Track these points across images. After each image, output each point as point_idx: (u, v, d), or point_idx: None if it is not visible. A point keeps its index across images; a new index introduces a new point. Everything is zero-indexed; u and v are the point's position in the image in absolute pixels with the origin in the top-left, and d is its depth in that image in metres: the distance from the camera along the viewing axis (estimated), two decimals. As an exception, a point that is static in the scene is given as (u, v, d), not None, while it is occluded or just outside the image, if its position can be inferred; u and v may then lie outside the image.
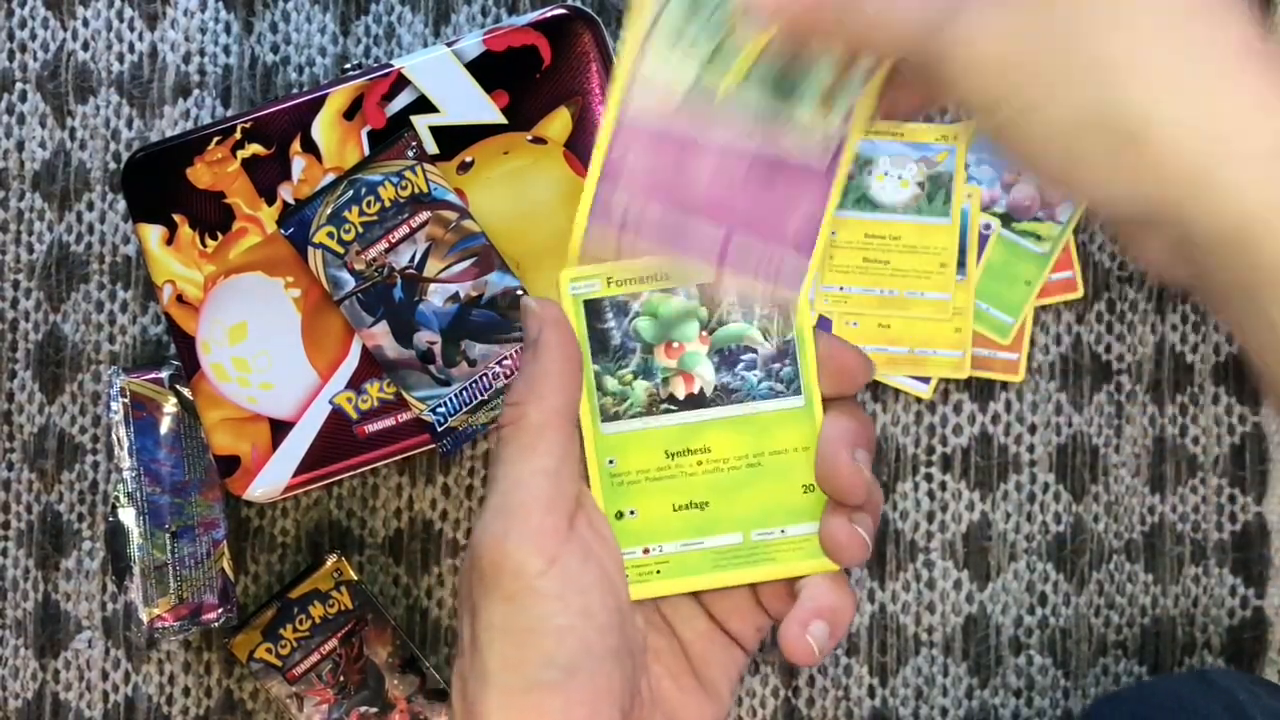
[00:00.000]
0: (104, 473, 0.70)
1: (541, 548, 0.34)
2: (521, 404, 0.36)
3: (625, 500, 0.38)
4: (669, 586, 0.38)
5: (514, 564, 0.34)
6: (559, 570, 0.34)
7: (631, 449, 0.38)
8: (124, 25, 0.71)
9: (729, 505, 0.38)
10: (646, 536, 0.38)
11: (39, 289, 0.70)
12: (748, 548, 0.38)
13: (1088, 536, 0.70)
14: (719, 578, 0.38)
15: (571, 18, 0.59)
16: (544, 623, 0.34)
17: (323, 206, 0.59)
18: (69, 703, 0.70)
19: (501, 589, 0.34)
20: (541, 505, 0.35)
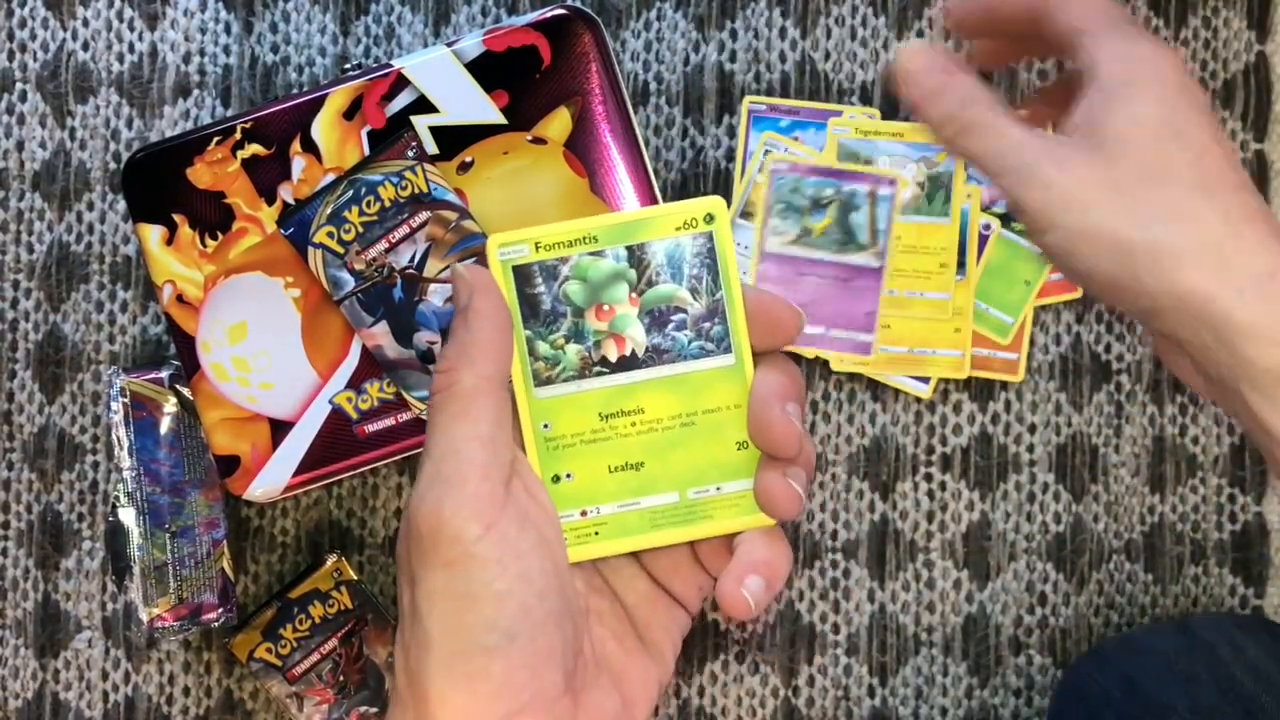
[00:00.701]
0: (104, 473, 0.70)
1: (478, 513, 0.34)
2: (453, 370, 0.36)
3: (561, 464, 0.38)
4: (607, 548, 0.39)
5: (451, 530, 0.34)
6: (496, 535, 0.34)
7: (565, 412, 0.38)
8: (124, 25, 0.71)
9: (664, 465, 0.38)
10: (583, 499, 0.38)
11: (39, 289, 0.70)
12: (685, 506, 0.38)
13: (1088, 536, 0.70)
14: (657, 537, 0.39)
15: (571, 18, 0.59)
16: (484, 588, 0.34)
17: (323, 206, 0.59)
18: (69, 702, 0.70)
19: (439, 555, 0.34)
20: (477, 471, 0.35)
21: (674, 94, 0.70)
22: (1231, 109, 0.70)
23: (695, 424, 0.38)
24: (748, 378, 0.38)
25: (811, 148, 0.69)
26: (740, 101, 0.70)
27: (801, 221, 0.68)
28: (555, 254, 0.38)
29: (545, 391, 0.38)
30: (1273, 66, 0.70)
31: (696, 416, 0.38)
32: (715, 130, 0.70)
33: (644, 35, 0.70)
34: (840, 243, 0.67)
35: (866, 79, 0.70)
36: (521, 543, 0.35)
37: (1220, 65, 0.70)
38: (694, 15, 0.70)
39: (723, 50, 0.70)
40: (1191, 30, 0.70)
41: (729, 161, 0.70)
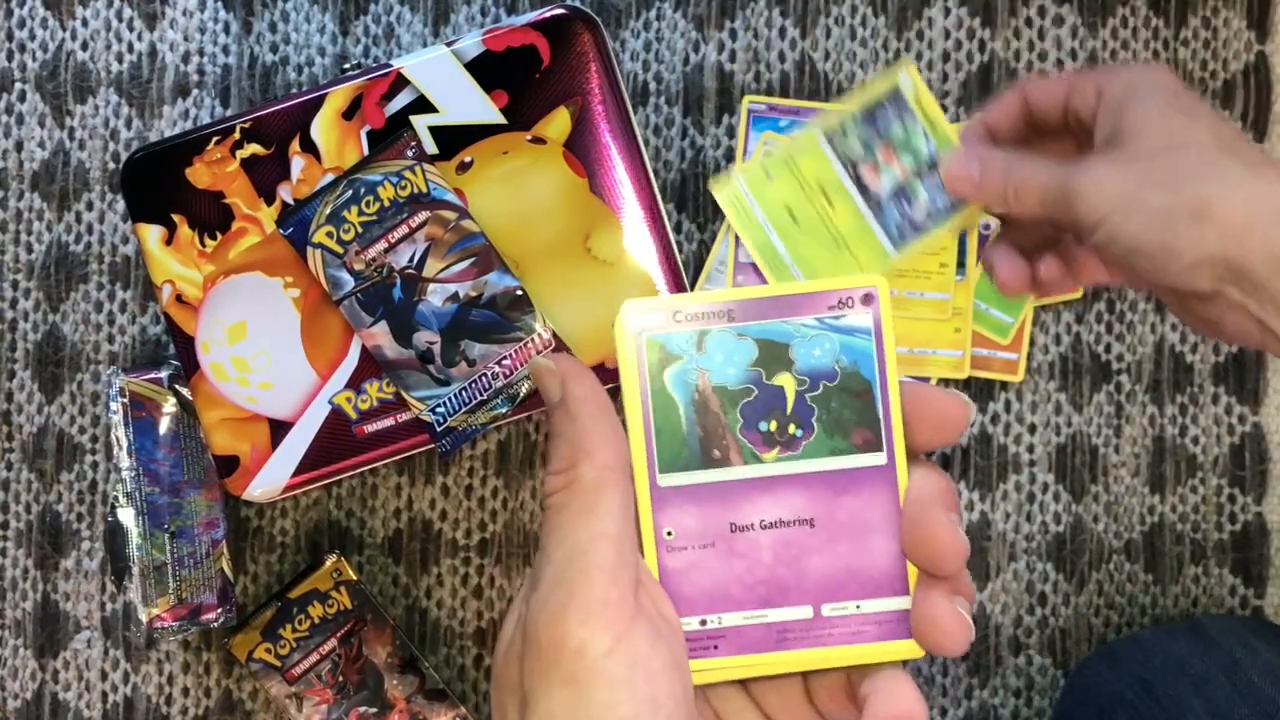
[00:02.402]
0: (103, 473, 0.70)
1: (608, 623, 0.30)
2: (570, 468, 0.32)
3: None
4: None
5: (577, 641, 0.30)
6: (626, 650, 0.30)
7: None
8: (123, 25, 0.71)
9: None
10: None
11: (38, 289, 0.70)
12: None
13: (1087, 536, 0.69)
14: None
15: (571, 18, 0.59)
16: (609, 712, 0.30)
17: (322, 206, 0.59)
18: (68, 703, 0.70)
19: (562, 670, 0.30)
20: (606, 575, 0.31)
21: (674, 94, 0.70)
22: (1231, 109, 0.70)
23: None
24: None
25: (811, 148, 0.69)
26: (740, 101, 0.70)
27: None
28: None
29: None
30: (1273, 66, 0.70)
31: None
32: (715, 130, 0.70)
33: (644, 35, 0.70)
34: None
35: (866, 79, 0.70)
36: (653, 661, 0.31)
37: (1220, 65, 0.70)
38: (693, 15, 0.70)
39: (722, 50, 0.70)
40: (1191, 30, 0.70)
41: (729, 161, 0.70)
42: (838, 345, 0.34)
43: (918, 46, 0.70)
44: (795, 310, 0.34)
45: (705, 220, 0.70)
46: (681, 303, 0.34)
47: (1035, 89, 0.51)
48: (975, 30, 0.70)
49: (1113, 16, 0.70)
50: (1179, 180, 0.43)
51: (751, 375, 0.34)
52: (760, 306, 0.34)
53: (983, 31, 0.70)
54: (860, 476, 0.34)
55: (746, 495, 0.34)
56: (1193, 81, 0.70)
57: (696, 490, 0.34)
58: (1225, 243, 0.42)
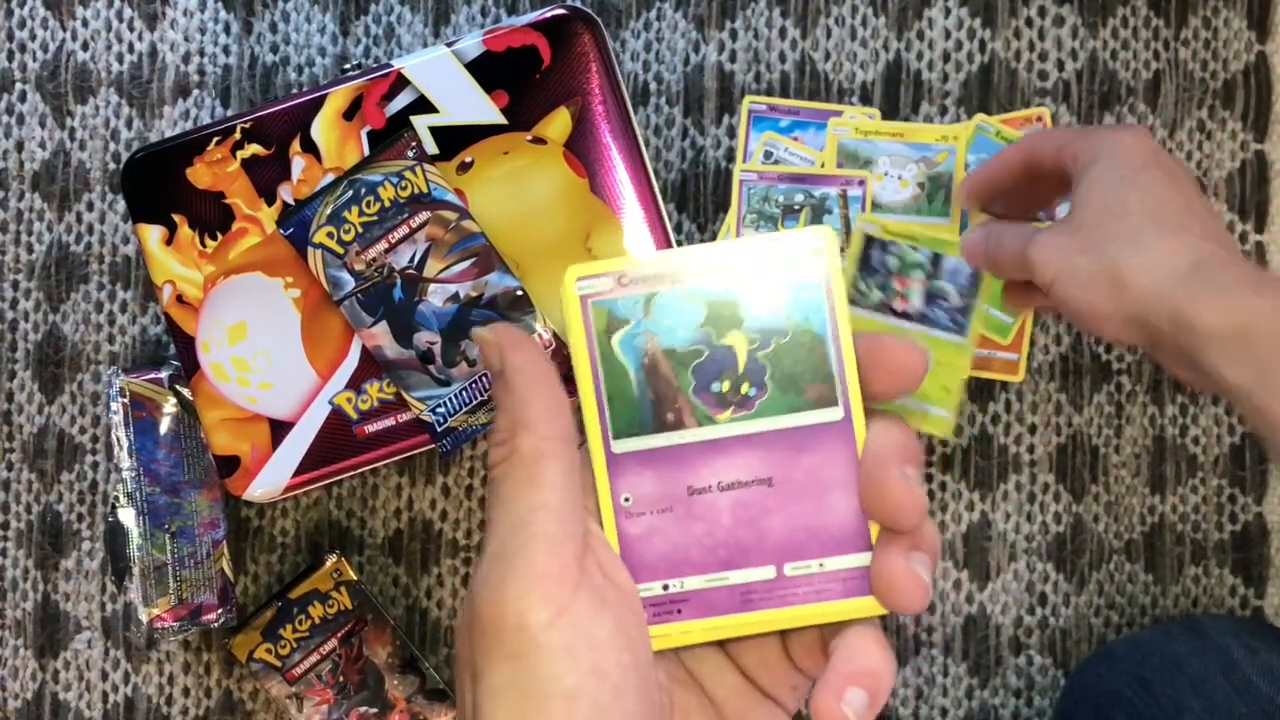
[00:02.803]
0: (104, 473, 0.70)
1: (547, 595, 0.30)
2: (507, 440, 0.32)
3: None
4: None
5: (516, 615, 0.29)
6: (568, 622, 0.30)
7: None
8: (123, 25, 0.71)
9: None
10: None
11: (39, 289, 0.70)
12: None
13: (1088, 536, 0.69)
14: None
15: (571, 18, 0.59)
16: (552, 684, 0.29)
17: (322, 207, 0.59)
18: (68, 703, 0.70)
19: (504, 646, 0.30)
20: (545, 545, 0.30)
21: (674, 94, 0.70)
22: (1231, 109, 0.70)
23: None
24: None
25: (811, 148, 0.69)
26: (740, 101, 0.70)
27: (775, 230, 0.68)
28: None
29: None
30: (1273, 66, 0.70)
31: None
32: (715, 130, 0.70)
33: (644, 35, 0.70)
34: None
35: (866, 79, 0.70)
36: (597, 630, 0.30)
37: (1220, 65, 0.70)
38: (694, 15, 0.70)
39: (723, 50, 0.70)
40: (1191, 30, 0.70)
41: (729, 162, 0.70)
42: (787, 300, 0.33)
43: (918, 46, 0.70)
44: (743, 267, 0.33)
45: (705, 220, 0.70)
46: (627, 266, 0.33)
47: (1031, 151, 0.54)
48: (975, 30, 0.70)
49: (1113, 16, 0.70)
50: (1102, 247, 0.48)
51: (701, 336, 0.33)
52: (707, 265, 0.33)
53: (983, 31, 0.70)
54: (817, 433, 0.33)
55: (702, 457, 0.33)
56: (1193, 82, 0.70)
57: (651, 455, 0.33)
58: (1136, 304, 0.46)
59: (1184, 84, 0.70)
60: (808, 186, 0.68)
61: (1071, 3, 0.70)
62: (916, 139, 0.68)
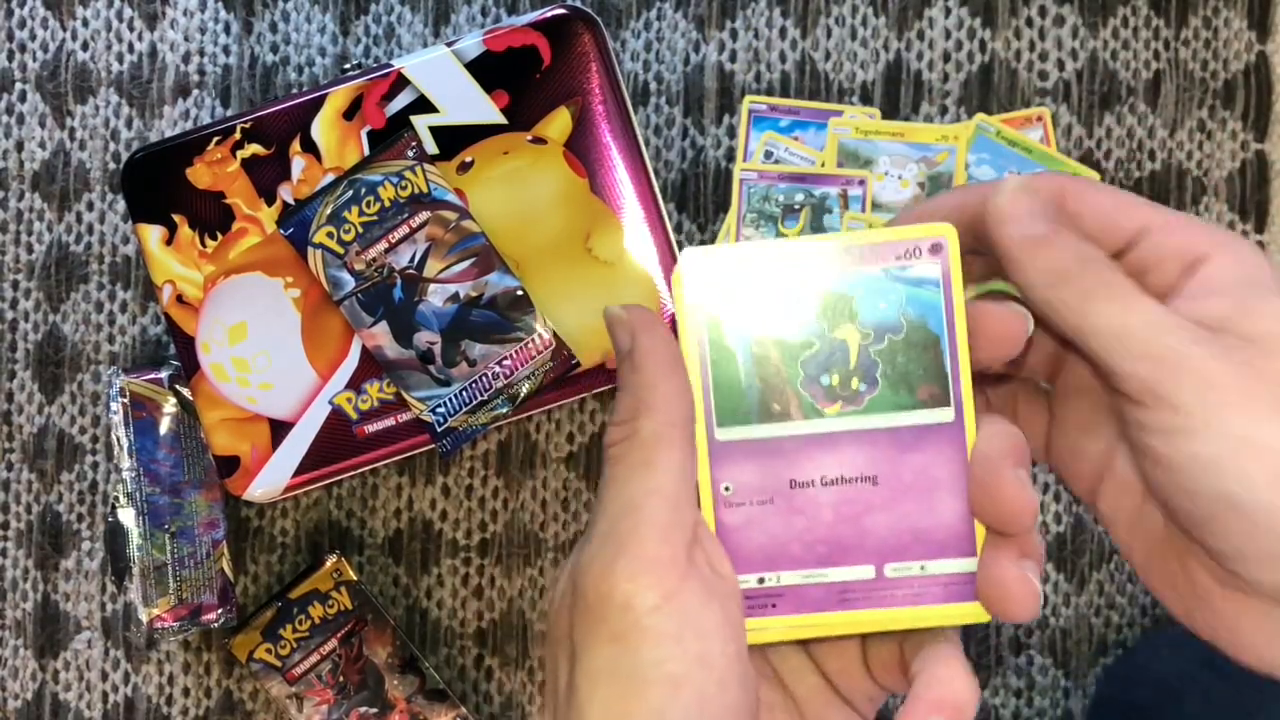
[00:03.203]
0: (104, 473, 0.70)
1: (657, 579, 0.29)
2: (629, 420, 0.31)
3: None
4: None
5: (623, 596, 0.29)
6: (676, 608, 0.29)
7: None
8: (123, 25, 0.71)
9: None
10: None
11: (39, 289, 0.70)
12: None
13: (1088, 536, 0.69)
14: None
15: (571, 18, 0.59)
16: (655, 669, 0.29)
17: (322, 206, 0.59)
18: (68, 703, 0.70)
19: (608, 626, 0.29)
20: (657, 532, 0.30)
21: (674, 94, 0.70)
22: (1232, 109, 0.70)
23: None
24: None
25: (812, 148, 0.69)
26: (740, 101, 0.70)
27: (776, 229, 0.68)
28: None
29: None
30: (1273, 66, 0.70)
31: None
32: (715, 130, 0.70)
33: (644, 35, 0.70)
34: None
35: (867, 79, 0.70)
36: (705, 620, 0.30)
37: (1220, 65, 0.70)
38: (694, 15, 0.70)
39: (723, 50, 0.70)
40: (1192, 30, 0.70)
41: (729, 161, 0.70)
42: (904, 297, 0.32)
43: (918, 46, 0.70)
44: (860, 261, 0.32)
45: (705, 220, 0.70)
46: (742, 252, 0.32)
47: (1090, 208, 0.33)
48: (976, 30, 0.70)
49: (1113, 16, 0.70)
50: None
51: (813, 328, 0.32)
52: (824, 257, 0.32)
53: (983, 31, 0.70)
54: (926, 433, 0.32)
55: (807, 451, 0.33)
56: (1193, 82, 0.70)
57: (755, 445, 0.33)
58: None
59: (1184, 84, 0.70)
60: (808, 186, 0.68)
61: (1072, 3, 0.70)
62: (917, 139, 0.68)
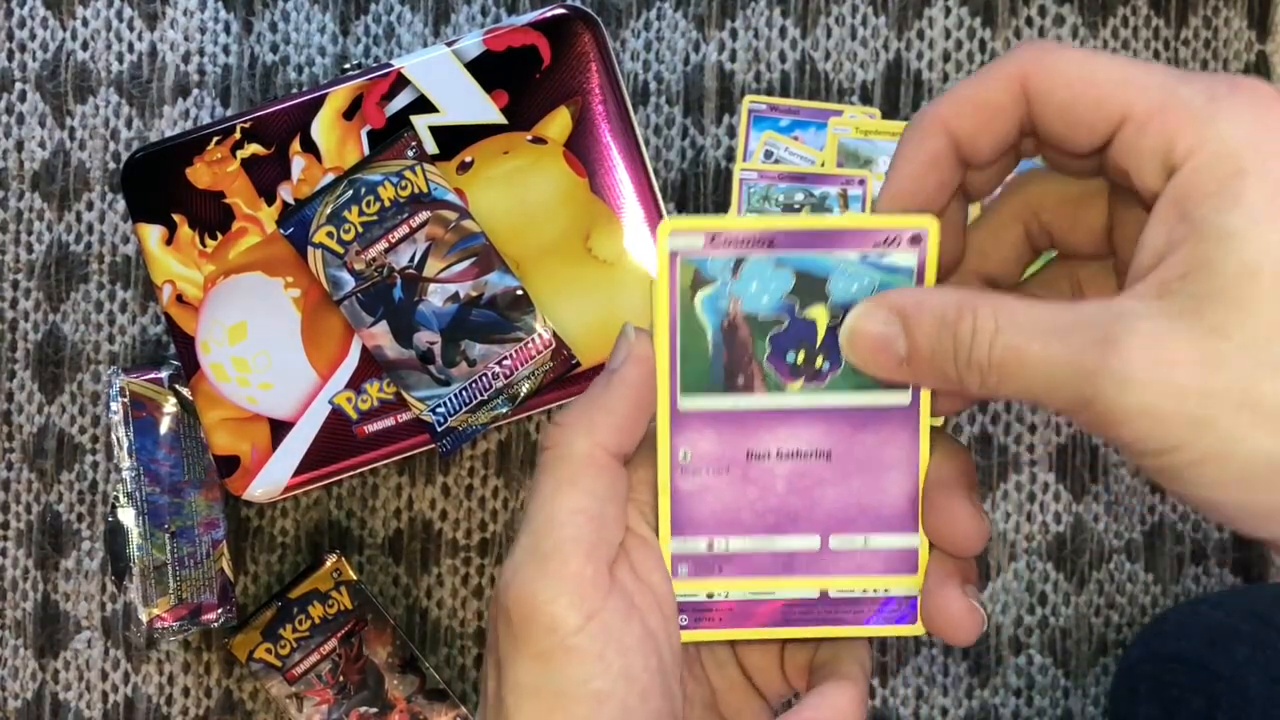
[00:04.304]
0: (104, 473, 0.70)
1: (580, 600, 0.30)
2: (569, 428, 0.32)
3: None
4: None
5: (547, 618, 0.30)
6: (599, 626, 0.30)
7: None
8: (123, 25, 0.71)
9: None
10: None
11: (39, 289, 0.70)
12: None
13: (1088, 536, 0.69)
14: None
15: (571, 18, 0.59)
16: (580, 687, 0.30)
17: (322, 206, 0.59)
18: (68, 703, 0.70)
19: (532, 645, 0.30)
20: (581, 550, 0.30)
21: (674, 94, 0.70)
22: (1232, 109, 0.70)
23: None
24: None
25: (812, 148, 0.69)
26: (740, 101, 0.70)
27: None
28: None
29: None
30: (1273, 66, 0.70)
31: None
32: (715, 130, 0.70)
33: (644, 35, 0.70)
34: None
35: (867, 79, 0.70)
36: (626, 636, 0.31)
37: (1220, 65, 0.70)
38: (694, 15, 0.70)
39: (723, 50, 0.70)
40: (1192, 30, 0.70)
41: (729, 161, 0.70)
42: (877, 282, 0.33)
43: (918, 46, 0.70)
44: (838, 244, 0.32)
45: (705, 220, 0.70)
46: (722, 225, 0.33)
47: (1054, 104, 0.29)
48: (976, 30, 0.70)
49: (1113, 16, 0.70)
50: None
51: (785, 305, 0.33)
52: (803, 237, 0.33)
53: (983, 31, 0.70)
54: (882, 415, 0.33)
55: (766, 424, 0.33)
56: (1193, 81, 0.70)
57: (717, 416, 0.33)
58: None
59: (1184, 84, 0.70)
60: (808, 186, 0.68)
61: (1072, 3, 0.70)
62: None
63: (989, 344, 0.28)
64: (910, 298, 0.30)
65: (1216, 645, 0.56)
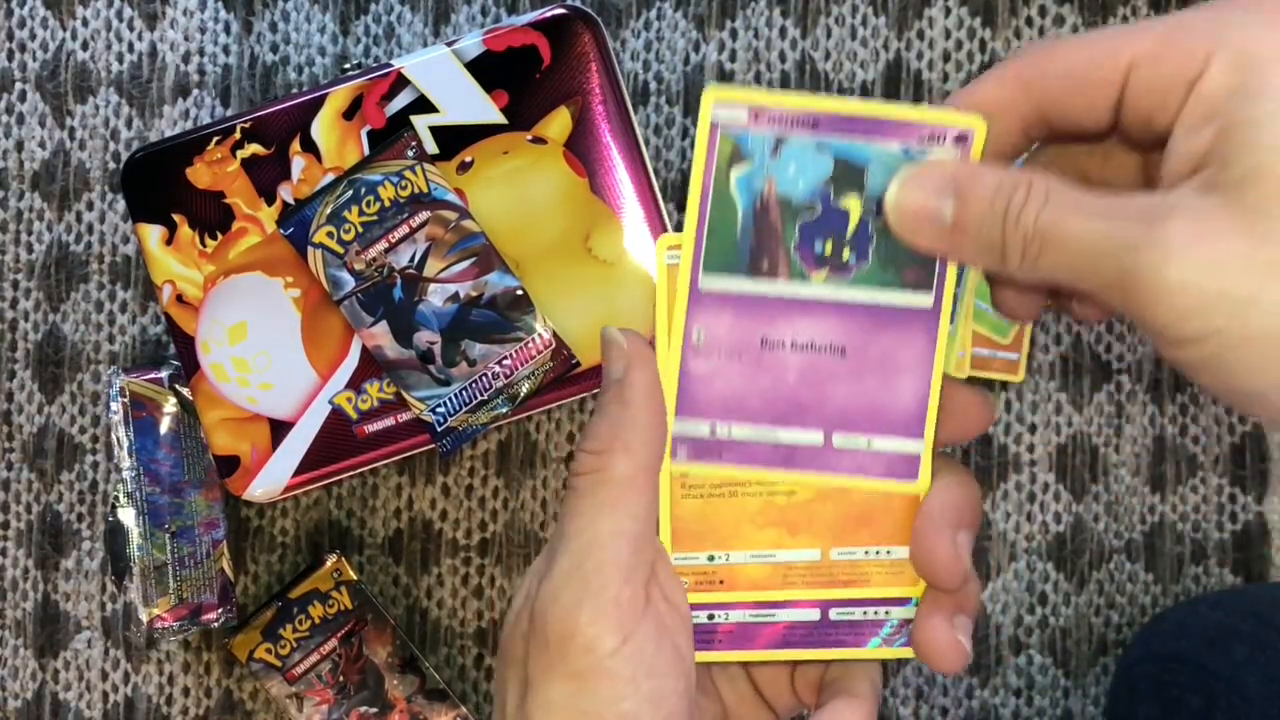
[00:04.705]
0: (104, 473, 0.70)
1: (618, 623, 0.31)
2: (606, 453, 0.32)
3: None
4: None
5: (585, 639, 0.30)
6: (633, 649, 0.31)
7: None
8: (123, 25, 0.71)
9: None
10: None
11: (39, 289, 0.70)
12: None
13: (1088, 536, 0.70)
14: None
15: (571, 18, 0.59)
16: (610, 707, 0.30)
17: (322, 206, 0.59)
18: (68, 703, 0.70)
19: (567, 664, 0.31)
20: (621, 574, 0.31)
21: (674, 94, 0.70)
22: (1232, 109, 0.70)
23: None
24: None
25: (811, 147, 0.69)
26: (740, 101, 0.70)
27: None
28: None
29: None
30: (1273, 66, 0.70)
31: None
32: (715, 130, 0.70)
33: (644, 35, 0.70)
34: None
35: (867, 79, 0.70)
36: (657, 659, 0.31)
37: (1220, 65, 0.70)
38: (694, 15, 0.70)
39: (723, 50, 0.70)
40: (1192, 30, 0.70)
41: (729, 161, 0.70)
42: None
43: (918, 46, 0.70)
44: (884, 133, 0.31)
45: (705, 220, 0.70)
46: (767, 101, 0.31)
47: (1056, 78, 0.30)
48: (976, 30, 0.70)
49: (1113, 16, 0.70)
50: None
51: (820, 191, 0.32)
52: (849, 122, 0.31)
53: (983, 31, 0.70)
54: (902, 316, 0.33)
55: (785, 312, 0.33)
56: (1193, 81, 0.70)
57: (736, 299, 0.33)
58: None
59: (1184, 84, 0.70)
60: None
61: (1072, 3, 0.70)
62: (917, 139, 0.68)
63: (1037, 212, 0.28)
64: (963, 166, 0.31)
65: (1216, 645, 0.57)
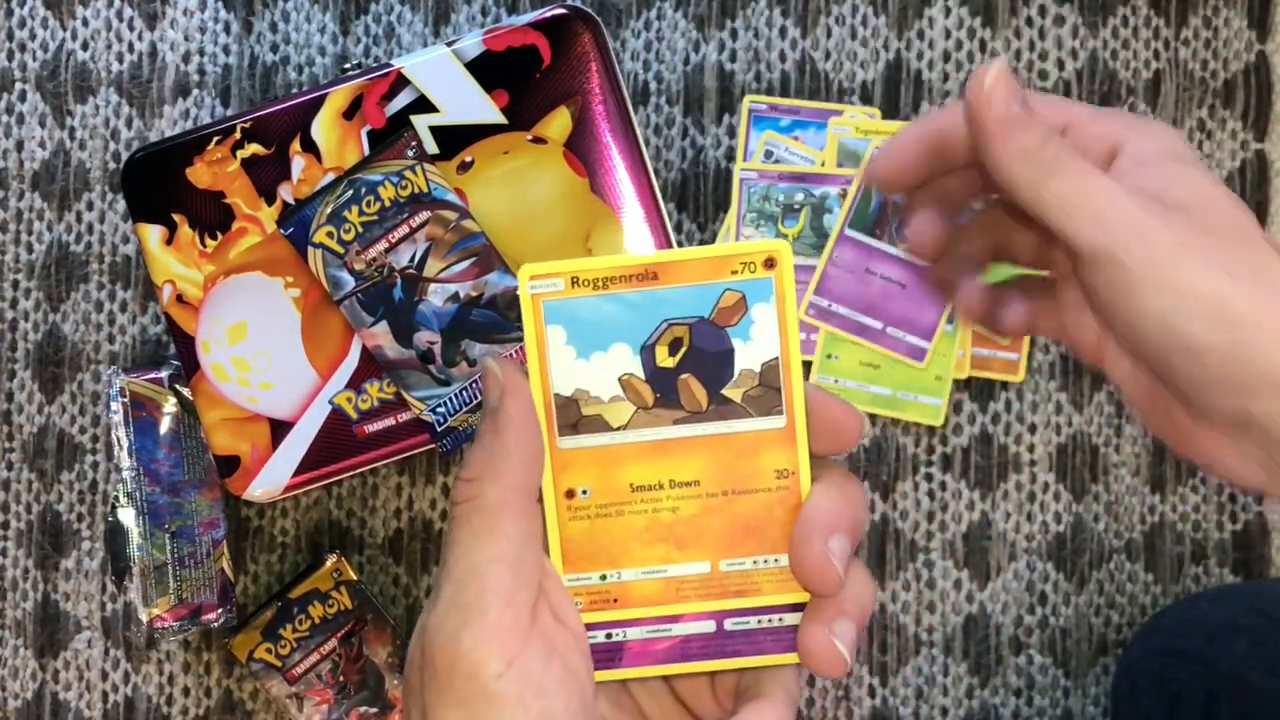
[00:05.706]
0: (104, 473, 0.70)
1: (501, 647, 0.31)
2: (478, 480, 0.33)
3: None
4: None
5: (469, 665, 0.31)
6: (519, 671, 0.31)
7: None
8: (123, 25, 0.71)
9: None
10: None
11: (39, 289, 0.70)
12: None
13: (1088, 536, 0.69)
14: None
15: (571, 18, 0.59)
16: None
17: (322, 206, 0.59)
18: (68, 703, 0.70)
19: (456, 692, 0.31)
20: (501, 598, 0.32)
21: (674, 94, 0.70)
22: (1231, 109, 0.70)
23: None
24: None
25: (812, 147, 0.69)
26: (740, 101, 0.70)
27: (775, 229, 0.68)
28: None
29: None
30: (1273, 66, 0.70)
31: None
32: (715, 130, 0.70)
33: (644, 35, 0.70)
34: (819, 248, 0.68)
35: (867, 78, 0.70)
36: (546, 678, 0.32)
37: (1220, 65, 0.70)
38: (694, 15, 0.70)
39: (723, 50, 0.70)
40: (1192, 30, 0.70)
41: (729, 161, 0.70)
42: None
43: (918, 46, 0.70)
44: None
45: (705, 220, 0.70)
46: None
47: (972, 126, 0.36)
48: (976, 30, 0.70)
49: (1113, 16, 0.70)
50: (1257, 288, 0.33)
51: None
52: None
53: (983, 31, 0.70)
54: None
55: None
56: (1193, 81, 0.70)
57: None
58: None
59: (1184, 84, 0.70)
60: (808, 186, 0.68)
61: (1071, 2, 0.70)
62: (917, 139, 0.69)
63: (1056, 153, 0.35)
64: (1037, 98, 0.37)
65: (1217, 640, 0.57)
